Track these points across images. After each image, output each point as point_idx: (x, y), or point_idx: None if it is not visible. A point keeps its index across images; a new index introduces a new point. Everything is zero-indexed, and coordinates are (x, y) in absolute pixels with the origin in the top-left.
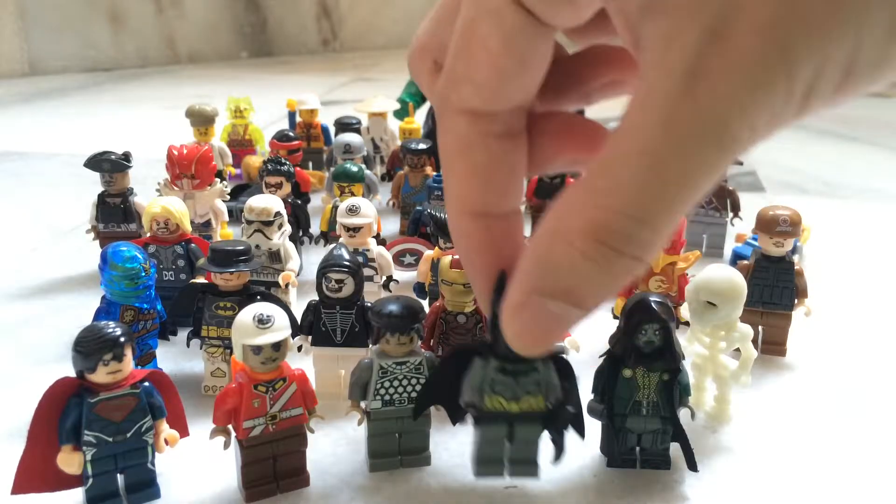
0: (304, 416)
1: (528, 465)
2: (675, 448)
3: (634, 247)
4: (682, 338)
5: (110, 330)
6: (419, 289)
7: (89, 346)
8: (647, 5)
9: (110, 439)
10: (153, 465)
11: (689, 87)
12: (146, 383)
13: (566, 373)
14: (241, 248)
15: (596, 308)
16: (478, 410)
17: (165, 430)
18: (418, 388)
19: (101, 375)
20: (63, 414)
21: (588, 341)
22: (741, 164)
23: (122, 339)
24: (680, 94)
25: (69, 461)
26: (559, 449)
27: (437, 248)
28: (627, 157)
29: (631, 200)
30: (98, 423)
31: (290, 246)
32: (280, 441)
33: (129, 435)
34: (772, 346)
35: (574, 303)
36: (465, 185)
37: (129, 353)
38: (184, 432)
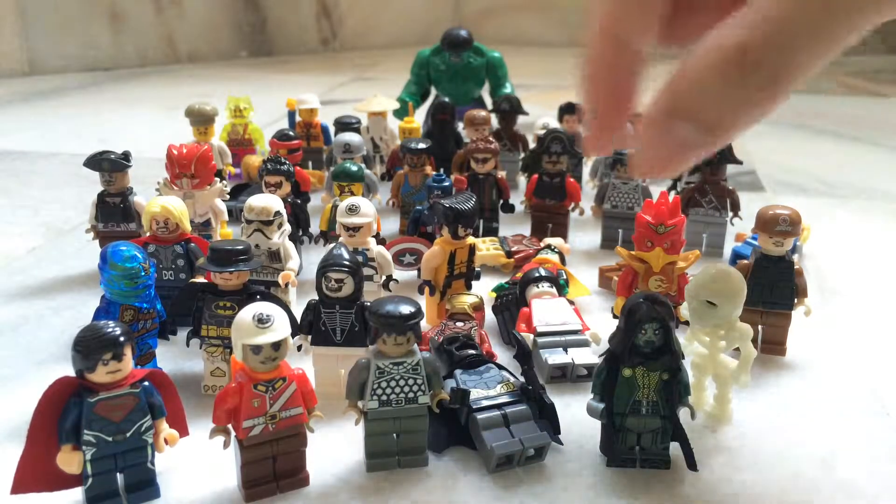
0: (304, 415)
1: (536, 451)
2: (675, 448)
3: (764, 72)
4: (682, 337)
5: (110, 329)
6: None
7: (89, 346)
8: None
9: (110, 439)
10: (153, 464)
11: None
12: (146, 383)
13: (518, 365)
14: (241, 247)
15: (720, 136)
16: (469, 405)
17: (165, 429)
18: (415, 388)
19: (100, 375)
20: (63, 413)
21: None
22: (741, 163)
23: (122, 339)
24: None
25: (69, 461)
26: (553, 420)
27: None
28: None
29: (774, 25)
30: (98, 422)
31: (290, 245)
32: (280, 441)
33: (128, 434)
34: (772, 345)
35: (702, 124)
36: (609, 4)
37: (128, 352)
38: (183, 432)
